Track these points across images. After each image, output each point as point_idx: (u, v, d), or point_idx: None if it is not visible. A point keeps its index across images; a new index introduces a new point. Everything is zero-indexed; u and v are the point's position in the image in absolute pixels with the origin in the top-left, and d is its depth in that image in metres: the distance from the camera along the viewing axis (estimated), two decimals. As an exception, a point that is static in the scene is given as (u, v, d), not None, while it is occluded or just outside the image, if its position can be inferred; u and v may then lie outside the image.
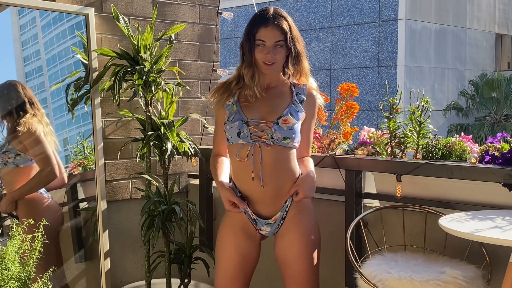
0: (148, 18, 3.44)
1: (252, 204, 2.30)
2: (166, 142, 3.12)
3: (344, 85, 3.19)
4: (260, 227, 2.33)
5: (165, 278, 3.22)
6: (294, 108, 2.30)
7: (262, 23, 2.22)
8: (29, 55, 3.19)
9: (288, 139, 2.26)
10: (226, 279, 2.32)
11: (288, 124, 2.26)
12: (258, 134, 2.24)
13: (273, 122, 2.25)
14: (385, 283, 2.25)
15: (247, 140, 2.24)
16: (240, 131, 2.24)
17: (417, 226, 2.68)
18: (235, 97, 2.31)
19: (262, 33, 2.21)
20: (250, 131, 2.24)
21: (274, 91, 2.33)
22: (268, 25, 2.21)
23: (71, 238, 3.29)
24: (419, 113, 2.70)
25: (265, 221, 2.31)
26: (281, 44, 2.22)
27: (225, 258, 2.33)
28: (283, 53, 2.25)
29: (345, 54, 17.27)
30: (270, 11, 2.25)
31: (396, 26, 16.36)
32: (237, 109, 2.28)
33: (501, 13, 20.22)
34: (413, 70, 16.56)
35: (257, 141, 2.24)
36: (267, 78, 2.32)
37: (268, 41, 2.21)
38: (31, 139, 3.00)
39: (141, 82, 3.05)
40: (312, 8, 17.91)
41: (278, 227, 2.33)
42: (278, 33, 2.21)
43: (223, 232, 2.37)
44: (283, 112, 2.27)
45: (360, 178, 2.87)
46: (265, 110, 2.28)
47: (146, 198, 3.15)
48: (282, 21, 2.23)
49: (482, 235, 1.97)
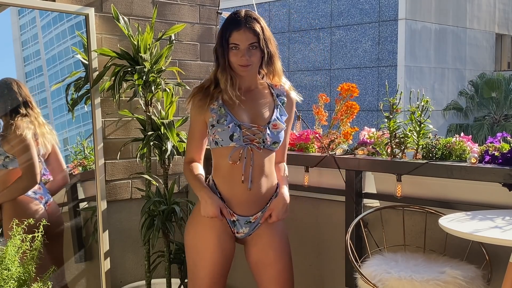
0: (148, 18, 3.44)
1: (232, 206, 2.29)
2: (166, 142, 3.12)
3: (344, 85, 3.18)
4: (238, 230, 2.32)
5: (165, 278, 3.22)
6: (279, 112, 2.33)
7: (234, 26, 2.21)
8: (29, 55, 3.19)
9: (277, 144, 2.29)
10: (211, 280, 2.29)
11: (278, 129, 2.28)
12: (250, 137, 2.24)
13: (264, 127, 2.25)
14: (385, 283, 2.25)
15: (240, 143, 2.23)
16: (233, 133, 2.23)
17: (417, 226, 2.68)
18: (220, 101, 2.28)
19: (235, 37, 2.20)
20: (243, 134, 2.24)
21: (254, 93, 2.33)
22: (240, 28, 2.20)
23: (71, 238, 3.29)
24: (419, 113, 2.70)
25: (245, 219, 2.30)
26: (255, 45, 2.21)
27: (208, 261, 2.28)
28: (258, 55, 2.24)
29: (345, 54, 17.26)
30: (241, 14, 2.25)
31: (396, 26, 16.35)
32: (226, 112, 2.26)
33: (501, 13, 20.22)
34: (413, 70, 16.56)
35: (249, 144, 2.24)
36: (246, 81, 2.31)
37: (242, 44, 2.21)
38: (19, 146, 2.95)
39: (141, 82, 3.05)
40: (312, 8, 17.91)
41: (254, 229, 2.34)
42: (251, 36, 2.21)
43: (201, 228, 2.31)
44: (271, 117, 2.29)
45: (360, 178, 2.87)
46: (253, 114, 2.28)
47: (146, 198, 3.15)
48: (255, 24, 2.22)
49: (482, 235, 1.97)
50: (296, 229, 3.16)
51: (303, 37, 18.10)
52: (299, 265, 3.12)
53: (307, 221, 3.12)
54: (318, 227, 3.08)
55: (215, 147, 2.29)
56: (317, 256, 3.09)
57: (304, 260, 3.13)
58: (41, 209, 3.01)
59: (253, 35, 2.21)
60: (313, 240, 3.10)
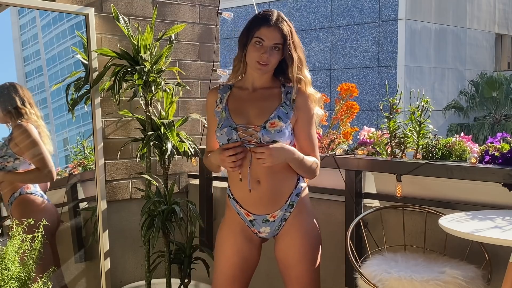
0: (148, 18, 3.44)
1: (246, 206, 2.29)
2: (166, 142, 3.12)
3: (344, 85, 3.19)
4: (258, 229, 2.32)
5: (165, 278, 3.22)
6: (282, 110, 2.26)
7: (265, 22, 2.21)
8: (29, 55, 3.19)
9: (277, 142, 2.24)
10: (225, 282, 2.32)
11: (276, 127, 2.22)
12: (247, 138, 2.23)
13: (260, 127, 2.23)
14: (385, 283, 2.25)
15: None
16: (229, 137, 2.23)
17: (417, 226, 2.68)
18: (224, 103, 2.30)
19: (263, 32, 2.20)
20: (240, 136, 2.23)
21: (262, 92, 2.31)
22: (270, 26, 2.20)
23: (71, 238, 3.29)
24: (419, 113, 2.70)
25: (262, 217, 2.29)
26: (278, 47, 2.21)
27: (224, 261, 2.32)
28: (278, 57, 2.23)
29: (345, 54, 17.27)
30: (274, 13, 2.25)
31: (396, 26, 16.35)
32: (226, 115, 2.27)
33: (501, 13, 20.22)
34: (413, 70, 16.56)
35: (247, 144, 2.23)
36: (257, 79, 2.30)
37: (268, 41, 2.20)
38: (28, 142, 2.99)
39: (141, 82, 3.05)
40: (312, 8, 17.91)
41: (279, 228, 2.32)
42: (278, 36, 2.20)
43: (223, 234, 2.36)
44: (270, 116, 2.24)
45: (360, 178, 2.87)
46: (253, 113, 2.26)
47: (146, 198, 3.15)
48: (284, 25, 2.22)
49: (482, 235, 1.97)
50: (296, 229, 3.16)
51: (303, 37, 18.09)
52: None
53: (307, 221, 3.12)
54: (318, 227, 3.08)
55: None
56: (317, 256, 3.09)
57: (304, 260, 3.12)
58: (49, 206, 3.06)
59: (281, 36, 2.20)
60: (313, 240, 3.10)
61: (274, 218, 2.29)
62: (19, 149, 2.97)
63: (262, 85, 2.31)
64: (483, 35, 19.32)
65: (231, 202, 2.33)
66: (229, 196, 2.34)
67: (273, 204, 2.28)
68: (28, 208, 3.04)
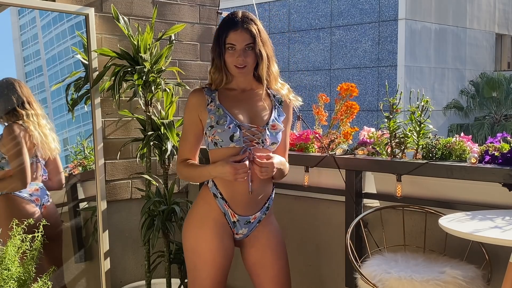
0: (148, 18, 3.44)
1: (233, 206, 2.28)
2: (166, 142, 3.12)
3: (343, 85, 3.18)
4: (237, 231, 2.32)
5: (165, 278, 3.22)
6: (277, 113, 2.33)
7: (231, 27, 2.23)
8: (29, 55, 3.19)
9: (275, 144, 2.29)
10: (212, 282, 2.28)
11: (276, 129, 2.29)
12: (249, 138, 2.24)
13: (264, 127, 2.25)
14: (385, 283, 2.25)
15: (240, 143, 2.23)
16: (233, 134, 2.22)
17: (417, 226, 2.68)
18: (217, 102, 2.29)
19: (232, 37, 2.22)
20: (243, 135, 2.24)
21: (250, 94, 2.33)
22: (237, 29, 2.22)
23: (71, 238, 3.29)
24: (419, 113, 2.70)
25: (246, 219, 2.29)
26: (251, 46, 2.23)
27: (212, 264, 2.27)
28: (253, 56, 2.24)
29: (345, 54, 17.26)
30: (238, 14, 2.26)
31: (396, 26, 16.35)
32: (225, 113, 2.26)
33: (501, 13, 20.21)
34: (413, 70, 16.55)
35: (248, 145, 2.24)
36: (241, 82, 2.32)
37: (238, 44, 2.22)
38: (13, 149, 2.96)
39: (141, 82, 3.05)
40: (312, 8, 17.91)
41: (252, 230, 2.34)
42: (247, 36, 2.22)
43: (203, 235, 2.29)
44: (270, 118, 2.29)
45: (360, 178, 2.87)
46: (251, 114, 2.28)
47: (146, 198, 3.15)
48: (251, 25, 2.23)
49: (482, 235, 1.97)
50: (296, 229, 3.16)
51: (303, 37, 18.10)
52: (299, 265, 3.12)
53: (307, 221, 3.12)
54: (318, 227, 3.08)
55: (214, 148, 2.28)
56: (317, 256, 3.09)
57: (304, 260, 3.13)
58: (37, 212, 3.00)
59: (250, 36, 2.22)
60: (313, 240, 3.10)
61: (254, 219, 2.33)
62: (5, 150, 2.95)
63: (248, 86, 2.34)
64: (483, 35, 19.31)
65: (218, 201, 2.28)
66: (216, 195, 2.29)
67: (257, 206, 2.32)
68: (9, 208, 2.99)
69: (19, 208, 2.97)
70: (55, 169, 3.13)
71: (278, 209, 3.27)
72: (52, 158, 3.09)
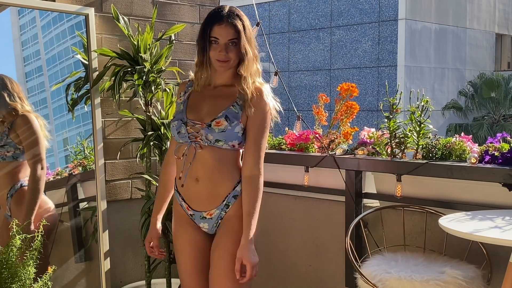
0: (148, 18, 3.44)
1: (188, 200, 2.31)
2: (166, 142, 3.12)
3: (344, 85, 3.19)
4: (198, 224, 2.33)
5: (165, 278, 3.22)
6: (232, 110, 2.24)
7: (216, 20, 2.21)
8: (29, 55, 3.19)
9: (221, 142, 2.23)
10: (190, 277, 2.32)
11: (220, 126, 2.22)
12: (194, 134, 2.25)
13: (206, 124, 2.24)
14: (385, 283, 2.25)
15: (185, 139, 2.26)
16: (179, 130, 2.26)
17: (417, 226, 2.68)
18: (185, 96, 2.33)
19: (216, 31, 2.21)
20: (188, 131, 2.25)
21: (221, 90, 2.31)
22: (222, 23, 2.20)
23: (71, 238, 3.29)
24: (419, 113, 2.70)
25: (200, 214, 2.30)
26: (234, 42, 2.21)
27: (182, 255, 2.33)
28: (236, 53, 2.22)
29: (345, 54, 17.26)
30: (225, 9, 2.24)
31: (396, 26, 16.35)
32: (183, 108, 2.31)
33: (501, 13, 20.22)
34: (413, 70, 16.56)
35: (193, 141, 2.25)
36: (220, 77, 2.30)
37: (222, 38, 2.20)
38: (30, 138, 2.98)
39: (141, 82, 3.05)
40: (312, 8, 17.91)
41: (217, 225, 2.32)
42: (231, 31, 2.20)
43: (175, 229, 2.38)
44: (218, 114, 2.24)
45: (360, 178, 2.87)
46: (205, 111, 2.28)
47: (146, 198, 3.15)
48: (237, 20, 2.21)
49: (482, 235, 1.97)
50: (296, 229, 3.16)
51: (303, 37, 18.10)
52: (299, 265, 3.13)
53: (307, 221, 3.12)
54: (318, 227, 3.08)
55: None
56: (317, 256, 3.09)
57: (304, 260, 3.13)
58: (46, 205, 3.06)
59: (234, 31, 2.20)
60: (313, 240, 3.10)
61: (211, 216, 2.30)
62: (19, 140, 2.96)
63: (224, 82, 2.31)
64: (483, 35, 19.32)
65: (175, 194, 2.35)
66: (175, 188, 2.35)
67: (210, 203, 2.29)
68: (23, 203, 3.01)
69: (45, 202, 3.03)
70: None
71: (278, 209, 3.28)
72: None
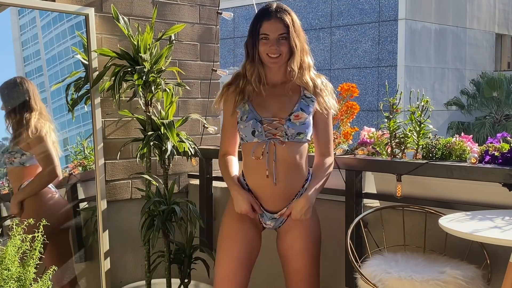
0: (148, 18, 3.44)
1: (260, 199, 2.33)
2: (166, 142, 3.12)
3: (344, 85, 3.18)
4: (265, 221, 2.36)
5: (165, 278, 3.22)
6: (304, 102, 2.32)
7: (265, 17, 2.25)
8: (29, 55, 3.19)
9: (302, 134, 2.29)
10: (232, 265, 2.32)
11: (300, 119, 2.28)
12: (272, 131, 2.27)
13: (285, 119, 2.26)
14: (385, 283, 2.25)
15: (262, 138, 2.27)
16: (254, 129, 2.27)
17: (417, 226, 2.68)
18: (246, 97, 2.32)
19: (265, 27, 2.24)
20: (264, 129, 2.26)
21: (282, 87, 2.34)
22: (271, 19, 2.24)
23: (71, 238, 3.29)
24: (419, 113, 2.70)
25: (271, 215, 2.34)
26: (284, 36, 2.24)
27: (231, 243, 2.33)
28: (287, 46, 2.25)
29: (345, 54, 17.26)
30: (273, 5, 2.28)
31: (396, 26, 16.35)
32: (250, 108, 2.30)
33: (501, 13, 20.21)
34: (413, 70, 16.56)
35: (271, 138, 2.26)
36: (274, 74, 2.32)
37: (272, 34, 2.23)
38: (34, 138, 2.99)
39: (141, 82, 3.05)
40: (312, 8, 17.91)
41: (282, 223, 2.36)
42: (281, 26, 2.23)
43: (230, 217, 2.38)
44: (293, 108, 2.29)
45: (360, 178, 2.87)
46: (276, 108, 2.30)
47: (146, 198, 3.15)
48: (285, 15, 2.25)
49: (482, 235, 1.97)
50: (296, 229, 3.15)
51: (303, 37, 18.07)
52: (299, 265, 3.12)
53: (307, 221, 3.12)
54: (318, 227, 3.07)
55: (242, 142, 2.36)
56: (317, 256, 3.09)
57: (304, 260, 3.12)
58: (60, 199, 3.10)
59: (283, 25, 2.23)
60: (313, 240, 3.10)
61: (280, 216, 2.35)
62: (27, 145, 2.98)
63: (280, 79, 2.34)
64: (483, 35, 19.31)
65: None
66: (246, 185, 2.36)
67: (283, 202, 2.33)
68: (38, 199, 3.04)
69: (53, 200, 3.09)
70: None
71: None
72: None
